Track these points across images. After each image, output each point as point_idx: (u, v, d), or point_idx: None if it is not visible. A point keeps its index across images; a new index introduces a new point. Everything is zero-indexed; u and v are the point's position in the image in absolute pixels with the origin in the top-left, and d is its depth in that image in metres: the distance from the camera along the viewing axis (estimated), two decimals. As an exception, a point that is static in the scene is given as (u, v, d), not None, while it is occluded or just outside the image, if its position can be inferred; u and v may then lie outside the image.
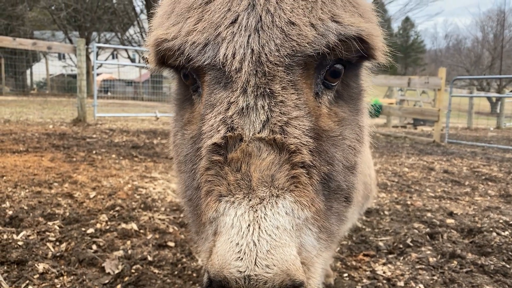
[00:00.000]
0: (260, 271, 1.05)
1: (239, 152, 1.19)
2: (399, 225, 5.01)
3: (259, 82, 1.22)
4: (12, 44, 12.33)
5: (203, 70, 1.31)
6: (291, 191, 1.17)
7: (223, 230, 1.13)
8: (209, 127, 1.27)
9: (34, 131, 11.17)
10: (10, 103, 21.32)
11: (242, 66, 1.22)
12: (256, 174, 1.16)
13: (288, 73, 1.25)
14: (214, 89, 1.29)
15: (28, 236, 4.10)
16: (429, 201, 6.22)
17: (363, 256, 4.17)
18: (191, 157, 1.41)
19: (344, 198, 1.44)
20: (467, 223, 5.03)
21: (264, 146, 1.19)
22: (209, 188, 1.23)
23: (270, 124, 1.20)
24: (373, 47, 1.36)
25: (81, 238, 4.14)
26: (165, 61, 1.44)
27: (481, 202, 6.22)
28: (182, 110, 1.58)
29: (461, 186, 7.41)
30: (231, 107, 1.23)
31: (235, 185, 1.17)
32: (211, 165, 1.24)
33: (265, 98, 1.22)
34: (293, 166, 1.20)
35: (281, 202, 1.14)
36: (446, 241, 4.47)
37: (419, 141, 14.61)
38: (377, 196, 6.46)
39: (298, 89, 1.26)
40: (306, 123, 1.26)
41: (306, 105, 1.28)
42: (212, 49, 1.25)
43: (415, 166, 9.21)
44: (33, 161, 7.28)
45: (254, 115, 1.21)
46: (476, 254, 4.10)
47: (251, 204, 1.13)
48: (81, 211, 4.90)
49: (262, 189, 1.15)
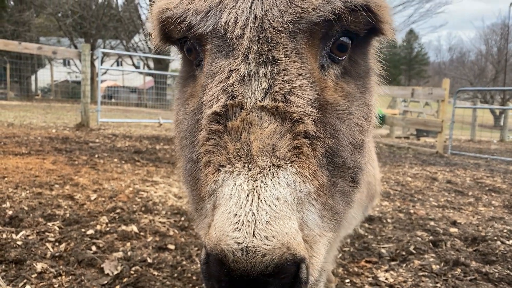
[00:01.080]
0: (259, 242, 1.00)
1: (239, 121, 1.15)
2: (402, 233, 4.96)
3: (262, 49, 1.19)
4: (18, 48, 12.39)
5: (205, 38, 1.28)
6: (293, 162, 1.13)
7: (222, 202, 1.09)
8: (209, 96, 1.24)
9: (37, 134, 11.17)
10: (14, 108, 21.39)
11: (244, 32, 1.19)
12: (257, 144, 1.12)
13: (291, 40, 1.21)
14: (215, 58, 1.26)
15: (28, 236, 4.07)
16: (432, 210, 6.16)
17: (365, 263, 4.12)
18: (192, 130, 1.37)
19: (351, 178, 1.38)
20: (471, 231, 4.97)
21: (266, 115, 1.15)
22: (208, 159, 1.19)
23: (272, 92, 1.17)
24: (382, 19, 1.32)
25: (80, 239, 4.11)
26: (169, 35, 1.42)
27: (485, 212, 6.15)
28: (185, 86, 1.55)
29: (465, 196, 7.35)
30: (232, 75, 1.20)
31: (234, 155, 1.13)
32: (210, 135, 1.20)
33: (267, 66, 1.18)
34: (296, 136, 1.15)
35: (282, 172, 1.10)
36: (450, 249, 4.41)
37: (422, 151, 14.56)
38: (380, 204, 6.41)
39: (302, 57, 1.23)
40: (310, 92, 1.22)
41: (310, 75, 1.24)
42: (214, 16, 1.23)
43: (418, 176, 9.16)
44: (35, 163, 7.26)
45: (255, 83, 1.18)
46: (480, 262, 4.05)
47: (251, 174, 1.09)
48: (81, 212, 4.87)
49: (262, 159, 1.10)
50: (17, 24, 36.45)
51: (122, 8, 44.75)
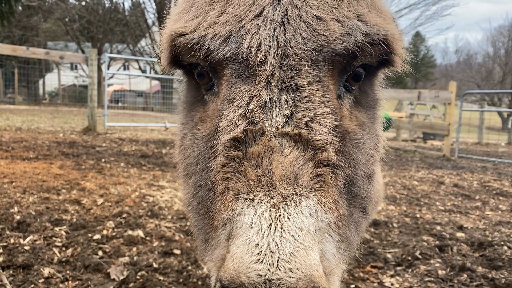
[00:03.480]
0: (283, 274, 0.96)
1: (260, 147, 1.13)
2: (407, 238, 4.94)
3: (284, 76, 1.18)
4: (26, 54, 12.51)
5: (223, 64, 1.26)
6: (316, 190, 1.11)
7: (240, 231, 1.05)
8: (227, 122, 1.22)
9: (45, 139, 11.26)
10: (22, 112, 21.56)
11: (267, 58, 1.18)
12: (279, 171, 1.09)
13: (314, 68, 1.21)
14: (234, 83, 1.24)
15: (35, 241, 4.10)
16: (438, 215, 6.14)
17: (371, 268, 4.11)
18: (204, 156, 1.33)
19: (361, 208, 1.37)
20: (478, 236, 4.95)
21: (287, 142, 1.13)
22: (225, 186, 1.15)
23: (294, 119, 1.15)
24: (395, 52, 1.33)
25: (87, 244, 4.13)
26: (179, 59, 1.39)
27: (492, 217, 6.12)
28: (192, 111, 1.51)
29: (472, 200, 7.31)
30: (253, 101, 1.18)
31: (255, 182, 1.09)
32: (228, 161, 1.17)
33: (289, 93, 1.17)
34: (318, 164, 1.14)
35: (305, 201, 1.07)
36: (456, 254, 4.39)
37: (429, 155, 14.50)
38: (386, 208, 6.40)
39: (324, 86, 1.23)
40: (332, 121, 1.21)
41: (331, 103, 1.24)
42: (235, 41, 1.22)
43: (425, 180, 9.12)
44: (43, 168, 7.32)
45: (277, 110, 1.16)
46: (486, 268, 4.02)
47: (273, 202, 1.05)
48: (88, 217, 4.90)
49: (285, 187, 1.07)
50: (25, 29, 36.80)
51: (129, 12, 45.05)
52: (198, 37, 1.27)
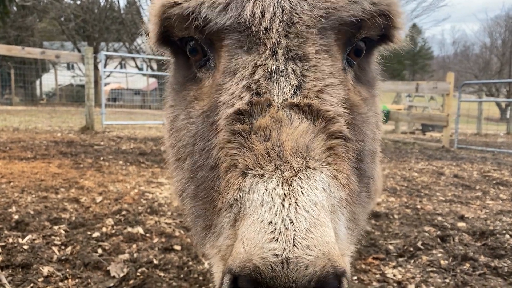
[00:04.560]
0: (300, 252, 0.88)
1: (268, 118, 1.06)
2: (409, 229, 4.92)
3: (291, 44, 1.12)
4: (21, 53, 12.44)
5: (223, 34, 1.19)
6: (328, 164, 1.05)
7: (250, 211, 0.97)
8: (228, 96, 1.15)
9: (42, 139, 11.21)
10: (20, 113, 21.49)
11: (272, 25, 1.12)
12: (289, 143, 1.02)
13: (322, 36, 1.16)
14: (235, 53, 1.17)
15: (34, 240, 4.07)
16: (439, 205, 6.12)
17: (373, 259, 4.08)
18: (203, 134, 1.24)
19: (366, 188, 1.30)
20: (479, 226, 4.93)
21: (296, 114, 1.07)
22: (230, 163, 1.08)
23: (303, 90, 1.10)
24: (396, 26, 1.30)
25: (86, 242, 4.10)
26: (170, 34, 1.32)
27: (493, 206, 6.10)
28: (183, 91, 1.42)
29: (472, 190, 7.29)
30: (257, 71, 1.12)
31: (264, 156, 1.02)
32: (233, 136, 1.09)
33: (296, 62, 1.12)
34: (330, 136, 1.08)
35: (319, 175, 1.01)
36: (458, 243, 4.37)
37: (428, 146, 14.48)
38: (387, 200, 6.37)
39: (332, 55, 1.18)
40: (341, 92, 1.16)
41: (340, 74, 1.19)
42: (235, 8, 1.15)
43: (425, 171, 9.10)
44: (41, 168, 7.28)
45: (284, 80, 1.10)
46: (489, 257, 4.00)
47: (285, 176, 0.98)
48: (87, 215, 4.87)
49: (296, 160, 1.00)
50: (20, 29, 36.65)
51: (124, 10, 44.87)
52: (193, 5, 1.19)
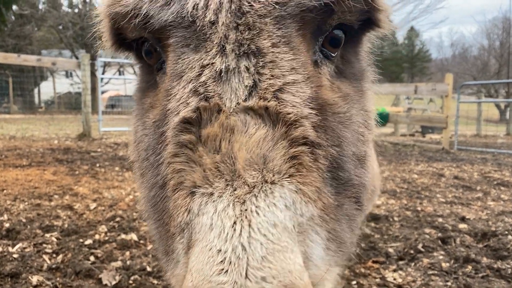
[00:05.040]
0: (254, 286, 0.77)
1: (217, 127, 0.92)
2: (409, 231, 4.81)
3: (242, 38, 0.97)
4: (17, 61, 12.39)
5: (167, 32, 1.05)
6: (291, 176, 0.90)
7: (200, 236, 0.85)
8: (175, 102, 1.01)
9: (39, 146, 11.12)
10: (17, 121, 21.43)
11: (218, 17, 0.98)
12: (243, 154, 0.89)
13: (279, 27, 1.00)
14: (181, 53, 1.03)
15: (24, 249, 3.97)
16: (440, 207, 6.02)
17: (373, 263, 3.98)
18: (154, 147, 1.12)
19: (355, 199, 1.14)
20: (481, 227, 4.82)
21: (252, 119, 0.93)
22: (178, 180, 0.95)
23: (259, 90, 0.95)
24: (379, 7, 1.13)
25: (78, 250, 4.00)
26: (123, 36, 1.20)
27: (494, 207, 6.00)
28: (143, 98, 1.30)
29: (473, 191, 7.19)
30: (204, 72, 0.97)
31: (213, 171, 0.89)
32: (179, 149, 0.96)
33: (250, 58, 0.97)
34: (293, 143, 0.93)
35: (279, 190, 0.87)
36: (459, 245, 4.26)
37: (428, 148, 14.38)
38: (386, 202, 6.28)
39: (293, 48, 1.02)
40: (306, 90, 1.00)
41: (304, 69, 1.02)
42: (177, 1, 1.01)
43: (425, 173, 9.00)
44: (35, 175, 7.18)
45: (236, 80, 0.96)
46: (491, 258, 3.90)
47: (237, 194, 0.85)
48: (80, 222, 4.77)
49: (251, 174, 0.87)
50: (19, 38, 36.71)
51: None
52: (134, 1, 1.07)
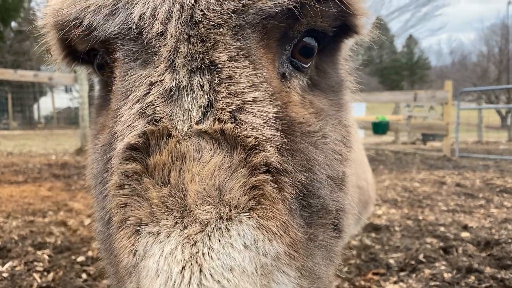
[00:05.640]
0: None
1: (166, 154, 0.82)
2: (410, 241, 4.70)
3: (194, 51, 0.86)
4: (14, 77, 12.38)
5: (113, 44, 0.95)
6: (251, 210, 0.79)
7: (146, 283, 0.75)
8: (121, 125, 0.90)
9: (36, 162, 11.06)
10: (16, 137, 21.42)
11: (167, 28, 0.87)
12: (194, 186, 0.78)
13: (237, 38, 0.88)
14: (128, 69, 0.92)
15: (14, 267, 3.87)
16: (441, 215, 5.90)
17: (373, 275, 3.86)
18: (102, 175, 1.01)
19: (333, 226, 1.03)
20: (484, 235, 4.71)
21: (206, 144, 0.82)
22: (122, 217, 0.84)
23: (214, 110, 0.84)
24: (354, 10, 1.01)
25: (70, 267, 3.90)
26: (73, 48, 1.09)
27: (498, 214, 5.89)
28: (98, 116, 1.19)
29: (475, 199, 7.08)
30: (152, 90, 0.86)
31: (160, 206, 0.78)
32: (124, 180, 0.85)
33: (204, 74, 0.85)
34: (253, 171, 0.82)
35: (236, 227, 0.76)
36: (462, 255, 4.14)
37: (429, 156, 14.27)
38: (387, 212, 6.16)
39: (254, 61, 0.90)
40: (269, 108, 0.89)
41: (267, 85, 0.91)
42: (123, 11, 0.90)
43: (426, 181, 8.90)
44: (30, 191, 7.10)
45: (188, 99, 0.84)
46: (495, 268, 3.78)
47: (187, 233, 0.75)
48: (74, 239, 4.67)
49: (204, 209, 0.76)
50: (17, 54, 36.86)
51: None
52: (77, 10, 0.96)
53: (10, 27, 18.36)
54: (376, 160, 12.93)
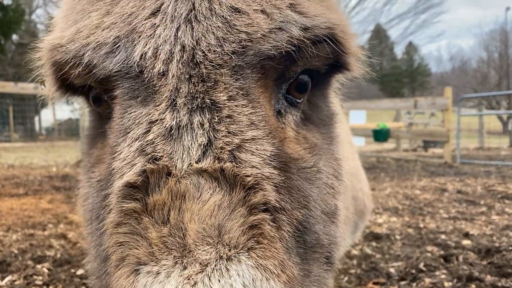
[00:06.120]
0: None
1: (166, 193, 0.83)
2: (411, 249, 4.68)
3: (195, 91, 0.89)
4: (15, 89, 12.45)
5: (114, 82, 0.97)
6: (250, 250, 0.81)
7: None
8: (120, 161, 0.92)
9: (37, 174, 11.08)
10: (17, 149, 21.47)
11: (168, 68, 0.89)
12: (194, 226, 0.80)
13: (236, 77, 0.92)
14: (128, 106, 0.94)
15: (14, 281, 3.86)
16: (442, 223, 5.88)
17: (373, 285, 3.84)
18: (97, 211, 1.02)
19: (325, 259, 1.06)
20: (485, 243, 4.69)
21: (206, 182, 0.84)
22: (120, 255, 0.85)
23: (214, 149, 0.87)
24: (347, 51, 1.05)
25: (70, 281, 3.90)
26: (68, 81, 1.09)
27: (499, 221, 5.87)
28: (92, 148, 1.20)
29: (477, 205, 7.06)
30: (153, 128, 0.89)
31: (160, 246, 0.80)
32: (122, 219, 0.87)
33: (204, 113, 0.88)
34: (252, 210, 0.84)
35: (235, 268, 0.78)
36: (462, 263, 4.13)
37: (431, 163, 14.26)
38: (388, 220, 6.15)
39: (252, 101, 0.93)
40: (267, 147, 0.92)
41: (265, 123, 0.94)
42: (124, 49, 0.93)
43: (427, 188, 8.88)
44: (31, 204, 7.11)
45: (189, 138, 0.87)
46: (495, 276, 3.76)
47: (187, 274, 0.76)
48: (73, 252, 4.67)
49: (204, 249, 0.79)
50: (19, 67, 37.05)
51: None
52: (75, 48, 0.98)
53: (11, 40, 18.48)
54: (378, 168, 12.92)
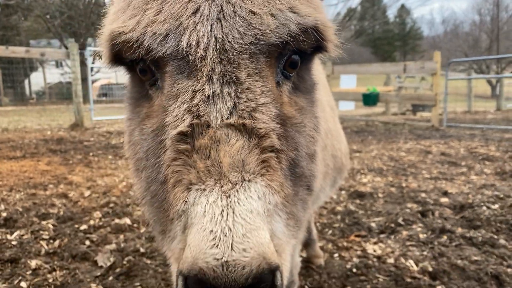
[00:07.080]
0: (238, 255, 1.04)
1: (207, 139, 1.19)
2: (392, 206, 5.03)
3: (225, 70, 1.24)
4: (5, 53, 12.36)
5: (164, 61, 1.31)
6: (262, 175, 1.19)
7: (195, 221, 1.12)
8: (173, 117, 1.27)
9: (32, 137, 11.22)
10: (9, 113, 21.40)
11: (206, 54, 1.24)
12: (227, 160, 1.16)
13: (252, 60, 1.28)
14: (177, 79, 1.29)
15: (22, 236, 4.14)
16: (424, 183, 6.23)
17: (355, 237, 4.19)
18: (154, 151, 1.38)
19: (307, 186, 1.48)
20: (460, 200, 5.04)
21: (233, 132, 1.20)
22: (177, 179, 1.22)
23: (238, 110, 1.22)
24: (327, 39, 1.41)
25: (74, 235, 4.18)
26: (121, 56, 1.43)
27: (477, 181, 6.22)
28: (138, 107, 1.55)
29: (458, 166, 7.41)
30: (196, 96, 1.24)
31: (205, 172, 1.16)
32: (178, 155, 1.23)
33: (231, 86, 1.24)
34: (263, 151, 1.22)
35: (253, 186, 1.15)
36: (438, 218, 4.48)
37: (418, 126, 14.60)
38: (372, 180, 6.48)
39: (263, 77, 1.30)
40: (273, 109, 1.29)
41: (271, 92, 1.31)
42: (174, 39, 1.26)
43: (412, 151, 9.21)
44: (29, 166, 7.33)
45: (220, 102, 1.23)
46: (465, 228, 4.12)
47: (223, 189, 1.13)
48: (75, 209, 4.94)
49: (233, 174, 1.15)
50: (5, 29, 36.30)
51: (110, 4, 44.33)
52: (137, 35, 1.30)
53: (-3, 2, 18.12)
54: (366, 131, 13.23)
